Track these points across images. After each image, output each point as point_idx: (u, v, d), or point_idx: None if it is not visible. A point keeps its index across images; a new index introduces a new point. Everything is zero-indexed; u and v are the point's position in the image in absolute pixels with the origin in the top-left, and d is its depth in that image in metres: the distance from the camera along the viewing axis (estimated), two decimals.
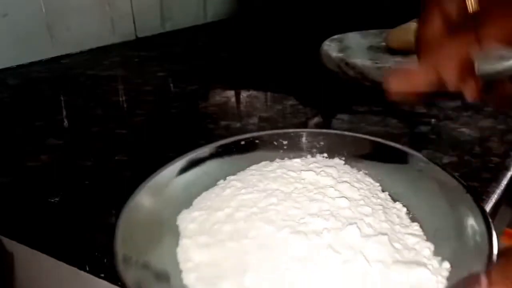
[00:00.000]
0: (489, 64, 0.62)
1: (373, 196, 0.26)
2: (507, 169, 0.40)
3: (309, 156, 0.30)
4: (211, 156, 0.30)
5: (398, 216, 0.25)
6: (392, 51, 0.69)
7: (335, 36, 0.77)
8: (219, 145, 0.31)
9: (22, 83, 0.69)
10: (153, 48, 0.91)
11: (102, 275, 0.33)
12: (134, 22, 0.93)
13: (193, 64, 0.80)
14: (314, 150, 0.31)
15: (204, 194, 0.28)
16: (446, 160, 0.41)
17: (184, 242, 0.25)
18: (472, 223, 0.22)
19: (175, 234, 0.25)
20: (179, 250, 0.24)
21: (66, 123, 0.55)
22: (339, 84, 0.66)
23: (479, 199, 0.24)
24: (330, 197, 0.26)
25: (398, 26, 0.70)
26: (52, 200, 0.37)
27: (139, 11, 0.93)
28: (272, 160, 0.30)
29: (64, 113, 0.58)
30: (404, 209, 0.26)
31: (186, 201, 0.27)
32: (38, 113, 0.56)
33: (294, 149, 0.31)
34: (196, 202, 0.28)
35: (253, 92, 0.65)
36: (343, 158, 0.30)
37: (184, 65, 0.79)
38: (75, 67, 0.77)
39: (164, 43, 0.95)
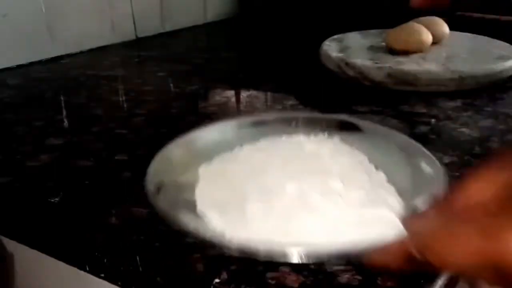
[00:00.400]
0: (489, 64, 0.63)
1: (360, 164, 0.32)
2: None
3: (312, 134, 0.36)
4: (233, 128, 0.38)
5: (378, 180, 0.31)
6: (392, 51, 0.69)
7: (335, 36, 0.77)
8: (242, 120, 0.40)
9: (22, 83, 0.69)
10: (153, 48, 0.91)
11: (102, 275, 0.33)
12: (134, 22, 0.93)
13: (193, 64, 0.80)
14: (317, 129, 0.37)
15: (223, 154, 0.34)
16: (446, 160, 0.41)
17: (201, 184, 0.31)
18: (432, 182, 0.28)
19: (196, 179, 0.32)
20: (197, 190, 0.30)
21: (66, 123, 0.55)
22: (339, 84, 0.66)
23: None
24: (324, 162, 0.32)
25: (398, 26, 0.70)
26: (52, 200, 0.37)
27: (139, 11, 0.93)
28: (280, 135, 0.36)
29: (64, 113, 0.58)
30: (384, 176, 0.31)
31: (208, 157, 0.34)
32: (38, 113, 0.56)
33: (300, 128, 0.37)
34: (215, 158, 0.34)
35: (253, 92, 0.65)
36: (340, 137, 0.36)
37: (184, 65, 0.79)
38: (75, 67, 0.77)
39: (164, 43, 0.95)
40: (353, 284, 0.28)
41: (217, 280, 0.29)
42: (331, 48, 0.71)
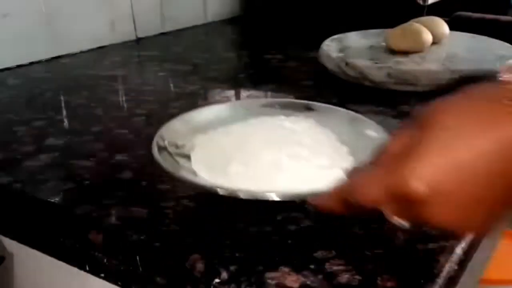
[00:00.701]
0: (489, 64, 0.62)
1: (328, 140, 0.39)
2: None
3: (292, 116, 0.43)
4: (227, 109, 0.46)
5: (340, 152, 0.38)
6: (392, 51, 0.69)
7: (335, 36, 0.77)
8: (234, 103, 0.49)
9: (22, 83, 0.69)
10: (153, 48, 0.91)
11: (102, 275, 0.33)
12: (134, 22, 0.93)
13: (193, 64, 0.80)
14: (297, 113, 0.44)
15: (216, 129, 0.41)
16: None
17: (196, 150, 0.38)
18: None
19: (192, 146, 0.39)
20: (192, 154, 0.38)
21: (66, 123, 0.55)
22: (339, 84, 0.66)
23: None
24: (298, 136, 0.38)
25: (398, 26, 0.70)
26: (52, 200, 0.37)
27: (139, 11, 0.93)
28: (266, 115, 0.43)
29: (64, 113, 0.58)
30: (347, 150, 0.38)
31: (204, 131, 0.41)
32: (38, 113, 0.56)
33: (283, 111, 0.45)
34: (210, 132, 0.41)
35: (253, 92, 0.65)
36: (314, 118, 0.43)
37: (184, 65, 0.79)
38: (75, 67, 0.77)
39: (164, 43, 0.95)
40: (353, 284, 0.28)
41: (217, 280, 0.29)
42: (331, 48, 0.71)
